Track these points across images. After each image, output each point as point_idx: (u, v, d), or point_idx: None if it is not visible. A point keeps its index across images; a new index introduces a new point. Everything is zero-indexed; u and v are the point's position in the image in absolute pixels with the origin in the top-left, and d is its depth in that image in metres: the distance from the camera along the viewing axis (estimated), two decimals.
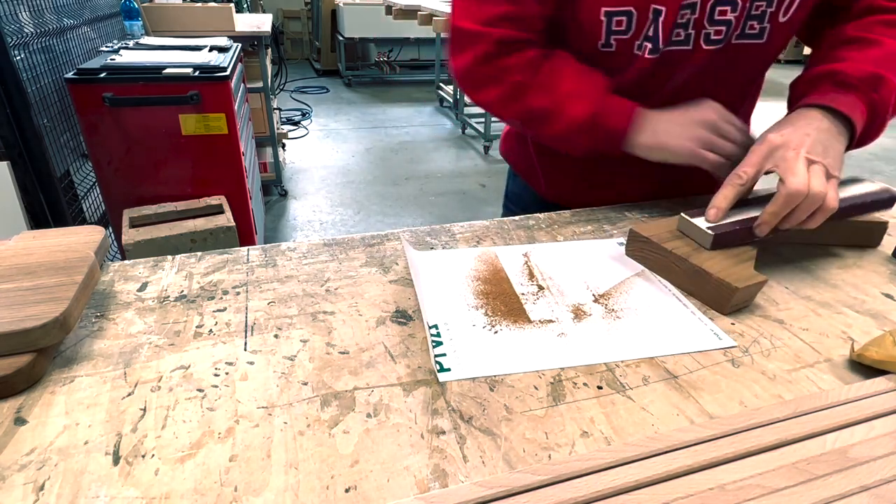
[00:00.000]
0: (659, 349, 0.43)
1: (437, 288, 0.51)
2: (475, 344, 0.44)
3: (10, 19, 1.36)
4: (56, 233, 0.50)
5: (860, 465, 0.32)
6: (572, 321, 0.46)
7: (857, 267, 0.57)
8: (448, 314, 0.47)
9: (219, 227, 1.52)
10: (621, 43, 0.59)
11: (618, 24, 0.57)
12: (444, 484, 0.32)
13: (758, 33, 0.60)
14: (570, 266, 0.55)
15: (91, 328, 0.44)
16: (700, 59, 0.60)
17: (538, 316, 0.47)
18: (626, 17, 0.57)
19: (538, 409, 0.37)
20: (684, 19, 0.57)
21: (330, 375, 0.40)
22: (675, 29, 0.58)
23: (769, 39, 0.60)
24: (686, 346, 0.44)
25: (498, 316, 0.47)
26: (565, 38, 0.63)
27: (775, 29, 0.59)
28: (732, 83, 0.66)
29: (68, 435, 0.34)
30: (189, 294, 0.49)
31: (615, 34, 0.58)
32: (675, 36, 0.58)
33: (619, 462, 0.32)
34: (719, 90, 0.63)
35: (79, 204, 1.62)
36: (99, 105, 1.49)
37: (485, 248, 0.58)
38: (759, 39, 0.60)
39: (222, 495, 0.31)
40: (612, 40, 0.59)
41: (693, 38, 0.59)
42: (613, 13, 0.57)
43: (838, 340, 0.45)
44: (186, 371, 0.40)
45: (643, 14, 0.56)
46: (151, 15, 2.33)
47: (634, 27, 0.57)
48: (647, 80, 0.62)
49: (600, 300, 0.50)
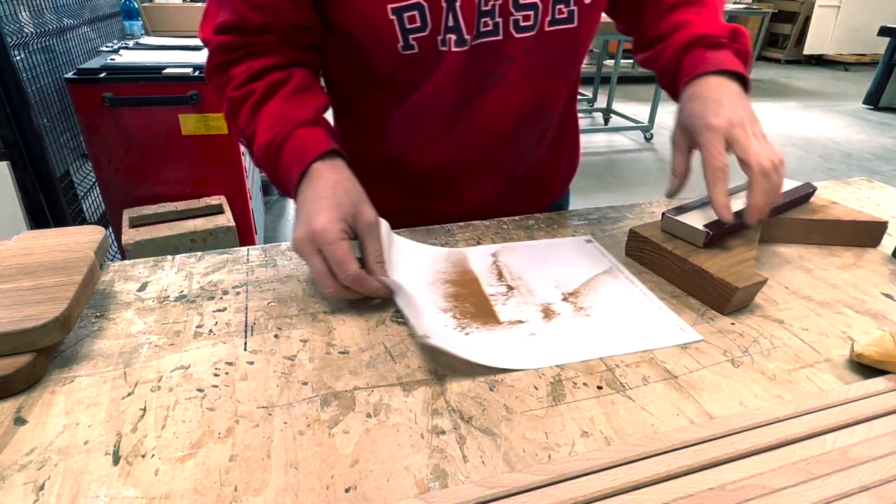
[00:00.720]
0: (625, 346, 0.44)
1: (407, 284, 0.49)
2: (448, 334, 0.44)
3: (10, 19, 1.36)
4: (56, 233, 0.50)
5: (860, 465, 0.32)
6: (542, 321, 0.47)
7: (857, 267, 0.57)
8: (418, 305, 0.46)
9: (219, 227, 1.52)
10: (423, 42, 0.54)
11: (411, 21, 0.52)
12: (444, 484, 0.32)
13: (567, 17, 0.57)
14: (539, 265, 0.55)
15: (91, 328, 0.44)
16: (515, 48, 0.57)
17: (508, 317, 0.47)
18: (418, 11, 0.52)
19: (538, 409, 0.37)
20: (489, 6, 0.53)
21: (330, 375, 0.40)
22: (482, 18, 0.54)
23: (580, 23, 0.58)
24: (651, 342, 0.44)
25: (468, 318, 0.47)
26: (361, 48, 0.57)
27: (583, 11, 0.57)
28: (555, 71, 0.63)
29: (68, 435, 0.34)
30: (189, 294, 0.49)
31: (412, 33, 0.53)
32: (483, 26, 0.55)
33: (619, 462, 0.32)
34: (543, 79, 0.61)
35: (79, 204, 1.62)
36: (99, 105, 1.49)
37: (453, 248, 0.58)
38: (571, 23, 0.58)
39: (222, 495, 0.31)
40: (411, 41, 0.54)
41: (502, 26, 0.55)
42: (402, 9, 0.51)
43: (838, 340, 0.45)
44: (186, 371, 0.40)
45: (435, 4, 0.52)
46: (151, 15, 2.33)
47: (430, 21, 0.52)
48: (465, 78, 0.58)
49: (569, 299, 0.50)
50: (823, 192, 0.69)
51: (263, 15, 0.54)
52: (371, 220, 0.49)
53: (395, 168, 0.68)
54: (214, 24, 0.56)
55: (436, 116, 0.62)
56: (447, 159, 0.66)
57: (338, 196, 0.49)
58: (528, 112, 0.64)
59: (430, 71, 0.57)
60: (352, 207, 0.49)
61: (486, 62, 0.57)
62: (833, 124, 4.33)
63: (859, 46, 6.53)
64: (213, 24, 0.56)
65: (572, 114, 0.75)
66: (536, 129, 0.67)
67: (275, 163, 0.54)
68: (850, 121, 4.44)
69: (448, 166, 0.67)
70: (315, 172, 0.51)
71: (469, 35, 0.54)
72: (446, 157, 0.66)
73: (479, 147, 0.65)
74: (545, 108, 0.65)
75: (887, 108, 4.74)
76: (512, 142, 0.66)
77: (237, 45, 0.56)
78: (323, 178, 0.50)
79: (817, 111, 4.70)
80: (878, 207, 0.71)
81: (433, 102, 0.60)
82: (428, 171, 0.67)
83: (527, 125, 0.65)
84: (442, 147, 0.65)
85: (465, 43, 0.55)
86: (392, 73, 0.59)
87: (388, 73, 0.59)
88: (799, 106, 4.85)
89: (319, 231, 0.46)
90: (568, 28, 0.58)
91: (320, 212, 0.47)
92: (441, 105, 0.60)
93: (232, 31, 0.55)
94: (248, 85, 0.55)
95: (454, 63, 0.56)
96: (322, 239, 0.46)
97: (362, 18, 0.53)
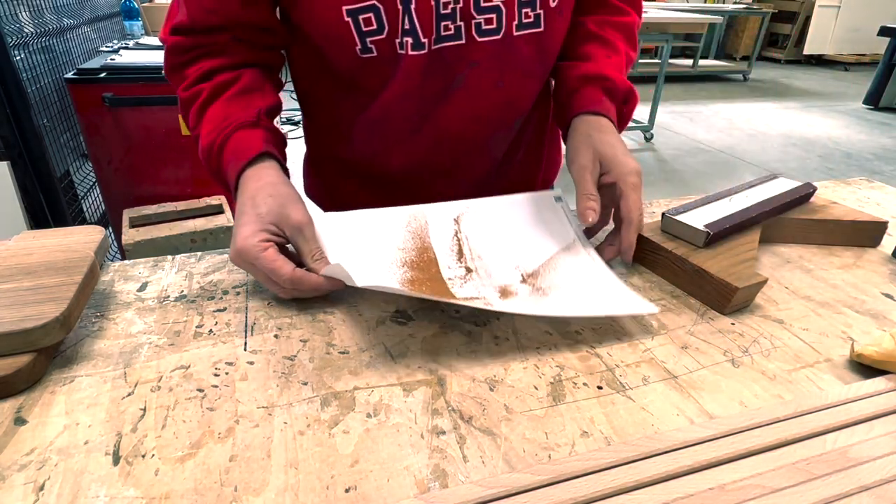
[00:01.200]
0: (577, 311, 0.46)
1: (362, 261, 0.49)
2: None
3: (10, 19, 1.36)
4: (56, 233, 0.50)
5: (860, 465, 0.32)
6: (498, 299, 0.47)
7: (857, 267, 0.57)
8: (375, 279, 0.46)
9: (219, 227, 1.52)
10: (380, 45, 0.53)
11: (367, 24, 0.52)
12: (444, 484, 0.32)
13: (534, 21, 0.56)
14: (502, 237, 0.54)
15: (91, 328, 0.44)
16: (479, 53, 0.56)
17: (464, 296, 0.47)
18: (374, 13, 0.51)
19: (538, 408, 0.37)
20: (448, 9, 0.52)
21: (330, 375, 0.40)
22: (442, 21, 0.53)
23: (547, 27, 0.57)
24: (606, 310, 0.47)
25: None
26: (321, 53, 0.57)
27: (549, 15, 0.56)
28: (525, 77, 0.62)
29: (68, 435, 0.34)
30: (189, 294, 0.49)
31: (369, 36, 0.52)
32: (443, 30, 0.53)
33: (619, 462, 0.32)
34: (513, 85, 0.60)
35: (79, 204, 1.62)
36: (99, 105, 1.49)
37: (415, 208, 0.56)
38: (538, 28, 0.57)
39: (222, 495, 0.31)
40: (369, 44, 0.53)
41: (464, 30, 0.54)
42: (357, 11, 0.51)
43: (838, 340, 0.45)
44: (186, 371, 0.40)
45: (391, 6, 0.51)
46: (151, 15, 2.33)
47: (387, 24, 0.52)
48: (427, 83, 0.57)
49: (528, 280, 0.50)
50: (823, 192, 0.69)
51: (214, 16, 0.54)
52: (297, 221, 0.48)
53: (363, 171, 0.67)
54: (171, 24, 0.56)
55: (400, 121, 0.61)
56: (416, 164, 0.65)
57: (256, 207, 0.48)
58: (498, 118, 0.63)
59: (390, 75, 0.56)
60: (273, 215, 0.48)
61: (447, 66, 0.56)
62: (833, 124, 4.33)
63: (859, 46, 6.53)
64: (170, 25, 0.56)
65: (549, 117, 0.74)
66: (508, 135, 0.67)
67: (217, 166, 0.54)
68: (850, 121, 4.45)
69: (418, 171, 0.66)
70: (243, 181, 0.51)
71: (427, 38, 0.53)
72: (415, 161, 0.65)
73: (448, 153, 0.64)
74: (517, 114, 0.64)
75: (887, 108, 4.75)
76: (483, 148, 0.65)
77: (190, 45, 0.56)
78: (247, 189, 0.50)
79: (817, 111, 4.70)
80: (878, 207, 0.71)
81: (397, 107, 0.59)
82: (397, 175, 0.67)
83: (499, 132, 0.65)
84: (409, 152, 0.64)
85: (424, 46, 0.53)
86: (353, 76, 0.58)
87: (349, 77, 0.58)
88: (799, 106, 4.85)
89: (241, 249, 0.46)
90: (535, 32, 0.57)
91: (240, 228, 0.47)
92: (405, 110, 0.60)
93: (185, 32, 0.56)
94: (196, 85, 0.56)
95: (413, 67, 0.55)
96: (247, 255, 0.46)
97: (319, 21, 0.53)
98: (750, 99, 5.14)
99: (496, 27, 0.55)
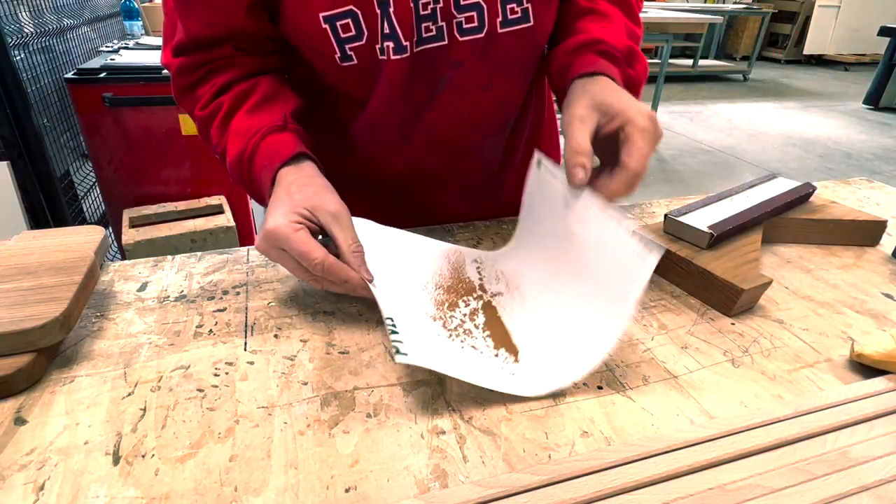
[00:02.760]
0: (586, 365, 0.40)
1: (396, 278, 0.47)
2: (430, 339, 0.42)
3: (10, 19, 1.36)
4: (56, 233, 0.50)
5: (860, 465, 0.32)
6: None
7: (857, 267, 0.57)
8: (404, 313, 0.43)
9: (219, 227, 1.52)
10: (361, 52, 0.51)
11: (346, 30, 0.50)
12: (444, 484, 0.32)
13: (521, 16, 0.54)
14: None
15: (91, 328, 0.44)
16: (462, 53, 0.54)
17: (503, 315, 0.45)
18: (351, 18, 0.49)
19: (538, 408, 0.37)
20: (428, 10, 0.51)
21: (330, 375, 0.40)
22: (422, 23, 0.51)
23: (536, 21, 0.54)
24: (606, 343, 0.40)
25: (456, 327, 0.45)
26: (306, 63, 0.55)
27: (538, 7, 0.54)
28: (515, 75, 0.59)
29: (68, 435, 0.34)
30: (189, 294, 0.49)
31: (348, 42, 0.50)
32: (424, 31, 0.52)
33: (619, 462, 0.32)
34: (502, 85, 0.58)
35: (79, 204, 1.62)
36: (99, 105, 1.49)
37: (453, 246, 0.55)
38: (527, 22, 0.54)
39: (222, 495, 0.31)
40: (348, 51, 0.51)
41: (446, 30, 0.52)
42: (334, 17, 0.49)
43: (838, 340, 0.45)
44: (186, 371, 0.40)
45: (369, 10, 0.49)
46: (151, 15, 2.33)
47: (366, 30, 0.50)
48: (411, 87, 0.55)
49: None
50: (823, 192, 0.69)
51: (216, 29, 0.53)
52: (333, 209, 0.46)
53: (359, 181, 0.66)
54: (171, 46, 0.55)
55: (390, 128, 0.60)
56: (412, 171, 0.64)
57: (291, 194, 0.46)
58: (488, 121, 0.61)
59: (373, 83, 0.55)
60: (308, 200, 0.46)
61: (430, 69, 0.54)
62: (833, 124, 4.33)
63: (859, 46, 6.53)
64: (171, 47, 0.55)
65: (544, 119, 0.72)
66: (501, 138, 0.65)
67: (248, 175, 0.53)
68: (850, 121, 4.44)
69: (414, 178, 0.65)
70: (279, 178, 0.49)
71: (408, 41, 0.51)
72: (410, 168, 0.64)
73: (441, 159, 0.63)
74: (507, 115, 0.63)
75: (887, 108, 4.75)
76: (476, 153, 0.64)
77: (197, 63, 0.55)
78: (282, 182, 0.49)
79: (817, 111, 4.70)
80: (878, 207, 0.71)
81: (384, 114, 0.58)
82: (394, 182, 0.66)
83: (491, 135, 0.63)
84: (404, 159, 0.63)
85: (405, 50, 0.51)
86: (337, 86, 0.57)
87: (335, 87, 0.57)
88: (799, 106, 4.85)
89: (270, 231, 0.44)
90: (524, 28, 0.54)
91: (270, 214, 0.45)
92: (393, 117, 0.58)
93: (188, 50, 0.54)
94: (214, 101, 0.55)
95: (396, 73, 0.53)
96: (276, 238, 0.44)
97: (298, 30, 0.52)
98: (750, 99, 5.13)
99: (478, 25, 0.53)
